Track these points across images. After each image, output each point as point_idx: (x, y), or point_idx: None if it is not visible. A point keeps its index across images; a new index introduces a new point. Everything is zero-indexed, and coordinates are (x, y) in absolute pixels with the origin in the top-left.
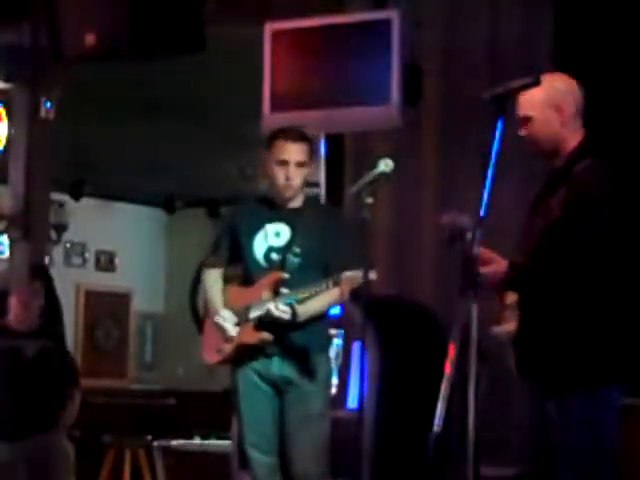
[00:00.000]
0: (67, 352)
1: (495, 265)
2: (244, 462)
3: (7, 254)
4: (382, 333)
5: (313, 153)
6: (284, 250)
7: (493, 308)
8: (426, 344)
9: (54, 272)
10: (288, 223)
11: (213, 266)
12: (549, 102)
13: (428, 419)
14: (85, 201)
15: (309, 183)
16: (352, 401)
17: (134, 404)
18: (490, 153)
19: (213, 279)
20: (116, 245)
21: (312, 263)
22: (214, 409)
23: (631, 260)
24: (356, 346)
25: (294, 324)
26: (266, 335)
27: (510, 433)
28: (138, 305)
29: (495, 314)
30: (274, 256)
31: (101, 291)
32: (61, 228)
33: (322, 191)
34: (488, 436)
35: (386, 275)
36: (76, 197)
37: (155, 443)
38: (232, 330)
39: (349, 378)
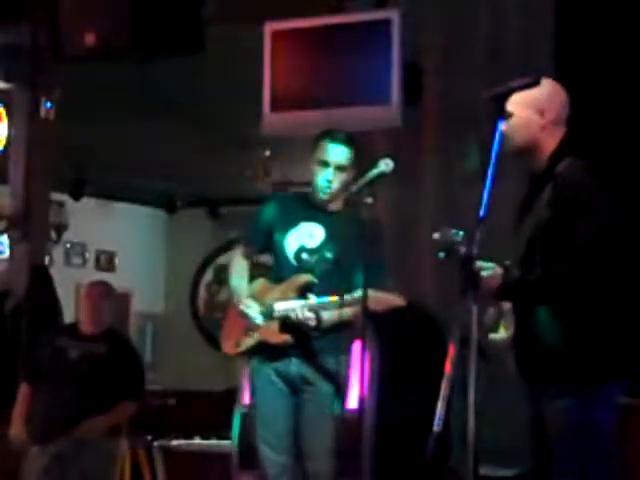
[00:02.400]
0: (129, 362)
1: (490, 275)
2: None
3: (7, 254)
4: (382, 333)
5: (356, 161)
6: (315, 252)
7: (490, 315)
8: (426, 344)
9: (54, 272)
10: (323, 225)
11: (245, 256)
12: (532, 103)
13: (428, 419)
14: (85, 201)
15: (308, 183)
16: (352, 401)
17: None
18: (490, 153)
19: (240, 269)
20: (116, 245)
21: (342, 271)
22: (214, 409)
23: (625, 256)
24: (356, 346)
25: (317, 329)
26: (289, 338)
27: (509, 433)
28: (138, 305)
29: (492, 321)
30: (304, 256)
31: None
32: (61, 228)
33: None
34: (488, 436)
35: None
36: (76, 197)
37: (155, 443)
38: (258, 318)
39: (349, 378)
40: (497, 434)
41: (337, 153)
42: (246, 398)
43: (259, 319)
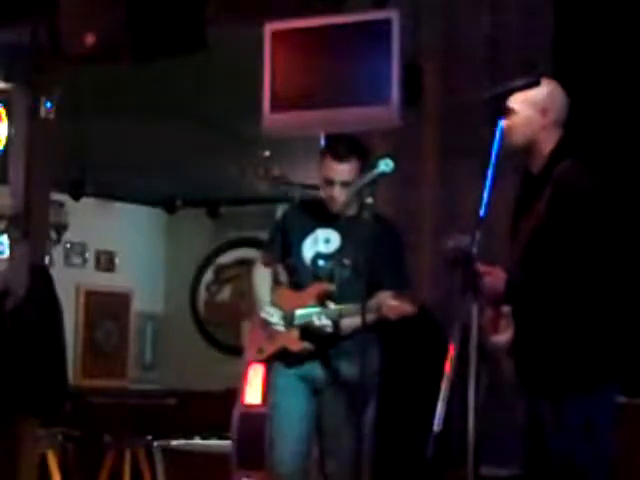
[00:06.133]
0: None
1: (494, 278)
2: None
3: (7, 254)
4: (382, 333)
5: (364, 166)
6: (331, 258)
7: (489, 317)
8: (426, 344)
9: (54, 272)
10: (339, 231)
11: (265, 264)
12: (535, 103)
13: (428, 419)
14: (85, 201)
15: (309, 185)
16: None
17: (134, 404)
18: (490, 153)
19: (261, 277)
20: (116, 245)
21: (361, 276)
22: (214, 409)
23: (622, 256)
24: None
25: (335, 336)
26: (308, 345)
27: (509, 433)
28: (138, 305)
29: (492, 322)
30: (321, 263)
31: (101, 291)
32: (61, 228)
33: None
34: (487, 436)
35: None
36: (76, 197)
37: (155, 443)
38: (279, 325)
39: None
40: (497, 434)
41: (341, 171)
42: (251, 398)
43: (281, 326)
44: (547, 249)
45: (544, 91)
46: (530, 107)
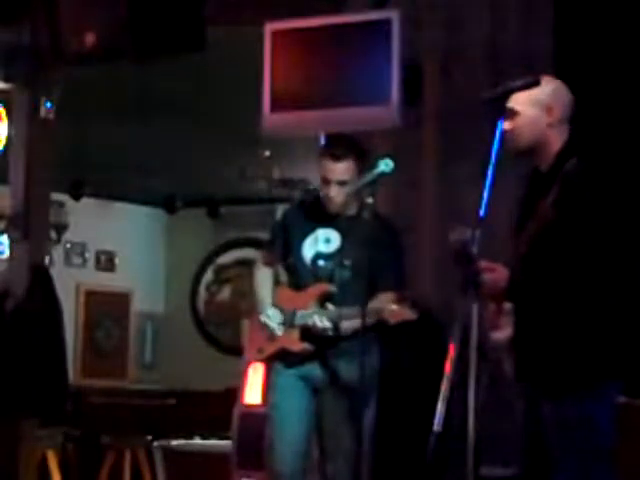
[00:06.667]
0: None
1: (496, 274)
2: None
3: (7, 254)
4: (382, 334)
5: (362, 166)
6: (331, 258)
7: (490, 314)
8: (426, 344)
9: (54, 272)
10: (340, 230)
11: (266, 264)
12: (538, 102)
13: (428, 419)
14: (85, 201)
15: (309, 189)
16: None
17: (134, 404)
18: (490, 153)
19: (263, 277)
20: (116, 245)
21: (361, 277)
22: (214, 409)
23: (627, 255)
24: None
25: (335, 338)
26: (308, 346)
27: (508, 433)
28: (138, 305)
29: (492, 320)
30: (321, 263)
31: (101, 291)
32: (61, 228)
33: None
34: (487, 436)
35: None
36: (76, 197)
37: (155, 443)
38: (277, 329)
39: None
40: (497, 434)
41: (337, 171)
42: (251, 398)
43: (278, 330)
44: (552, 247)
45: (547, 89)
46: (534, 106)
